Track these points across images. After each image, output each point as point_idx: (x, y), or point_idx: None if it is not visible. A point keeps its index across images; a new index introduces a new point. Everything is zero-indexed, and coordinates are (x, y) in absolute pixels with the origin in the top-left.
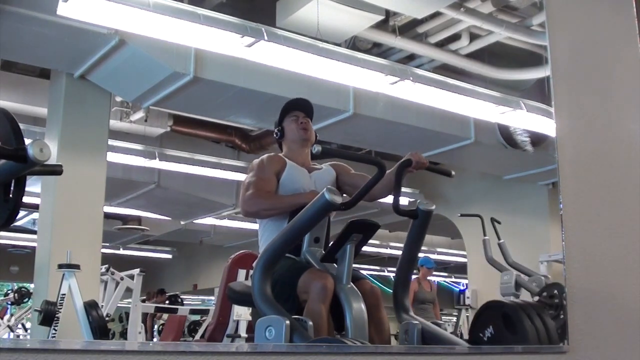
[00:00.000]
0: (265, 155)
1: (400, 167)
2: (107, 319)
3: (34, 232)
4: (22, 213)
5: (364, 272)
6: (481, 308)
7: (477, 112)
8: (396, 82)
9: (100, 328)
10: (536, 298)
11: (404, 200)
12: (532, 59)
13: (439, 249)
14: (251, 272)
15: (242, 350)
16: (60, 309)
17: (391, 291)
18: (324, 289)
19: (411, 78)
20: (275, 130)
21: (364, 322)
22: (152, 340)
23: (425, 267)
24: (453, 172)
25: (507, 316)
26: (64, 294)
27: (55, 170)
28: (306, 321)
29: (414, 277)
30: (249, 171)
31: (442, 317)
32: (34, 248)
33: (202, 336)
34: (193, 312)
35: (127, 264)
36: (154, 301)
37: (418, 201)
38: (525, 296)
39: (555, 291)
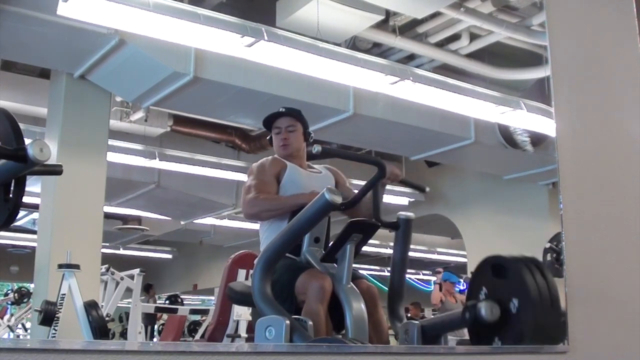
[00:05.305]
0: (265, 158)
1: (372, 179)
2: (107, 319)
3: (34, 232)
4: (22, 213)
5: (364, 272)
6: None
7: (477, 112)
8: (396, 82)
9: (100, 328)
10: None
11: (404, 200)
12: (532, 59)
13: (439, 249)
14: (251, 272)
15: (242, 350)
16: (60, 309)
17: None
18: (322, 289)
19: (411, 78)
20: (268, 137)
21: (364, 322)
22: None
23: (449, 281)
24: (427, 188)
25: (502, 268)
26: (64, 294)
27: (55, 170)
28: (306, 321)
29: (437, 288)
30: (249, 174)
31: None
32: (34, 248)
33: (202, 336)
34: (193, 312)
35: (127, 264)
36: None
37: (398, 213)
38: None
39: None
